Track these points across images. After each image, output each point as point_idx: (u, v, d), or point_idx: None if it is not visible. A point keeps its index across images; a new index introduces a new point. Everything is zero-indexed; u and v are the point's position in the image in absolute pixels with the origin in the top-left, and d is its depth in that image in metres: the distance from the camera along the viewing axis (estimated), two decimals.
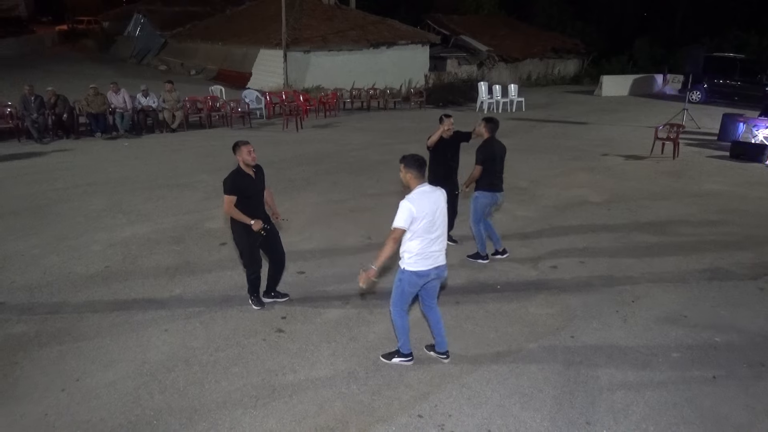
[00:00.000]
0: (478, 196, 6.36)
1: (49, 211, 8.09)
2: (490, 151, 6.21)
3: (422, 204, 4.06)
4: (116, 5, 42.98)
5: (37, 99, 12.50)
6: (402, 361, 4.57)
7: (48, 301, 5.53)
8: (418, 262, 4.18)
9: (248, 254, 5.23)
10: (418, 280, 4.25)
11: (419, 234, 4.11)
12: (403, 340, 4.52)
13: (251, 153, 4.95)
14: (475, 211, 6.41)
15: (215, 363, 4.57)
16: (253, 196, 5.04)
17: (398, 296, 4.36)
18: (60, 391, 4.19)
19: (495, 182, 6.31)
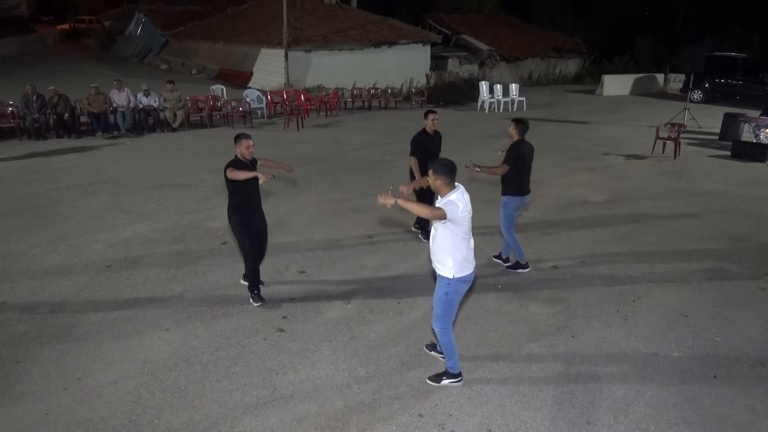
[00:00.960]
0: (507, 201, 6.12)
1: (51, 211, 8.10)
2: (519, 153, 6.00)
3: (461, 203, 3.95)
4: (117, 4, 43.03)
5: (38, 98, 12.52)
6: (453, 383, 4.32)
7: (49, 301, 5.54)
8: (464, 267, 4.06)
9: (245, 243, 5.41)
10: (464, 287, 4.15)
11: (463, 236, 4.00)
12: (454, 360, 4.29)
13: (249, 148, 5.16)
14: (506, 217, 6.16)
15: (216, 362, 4.58)
16: (250, 186, 5.22)
17: (445, 311, 4.15)
18: (61, 390, 4.20)
19: (523, 185, 6.11)
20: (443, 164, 4.04)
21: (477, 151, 12.25)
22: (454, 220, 3.95)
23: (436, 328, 4.24)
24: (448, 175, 4.01)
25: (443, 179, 3.99)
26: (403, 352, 4.76)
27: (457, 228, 3.99)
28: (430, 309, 5.45)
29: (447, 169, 4.01)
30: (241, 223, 5.32)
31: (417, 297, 5.73)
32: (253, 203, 5.37)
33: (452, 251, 4.02)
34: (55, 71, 22.99)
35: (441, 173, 4.00)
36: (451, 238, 4.01)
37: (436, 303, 4.18)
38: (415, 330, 5.12)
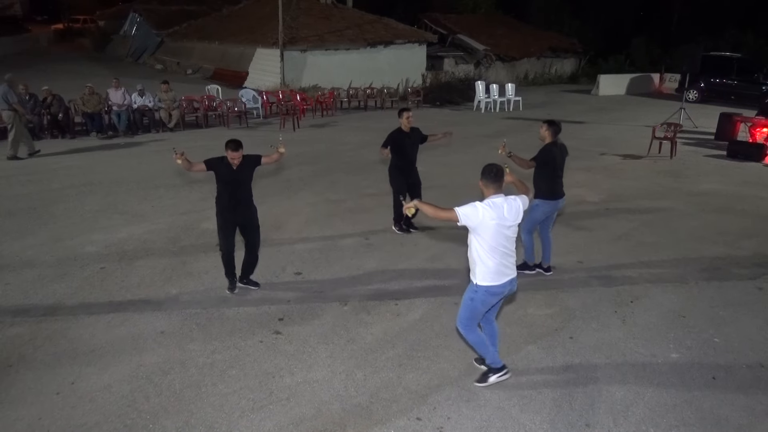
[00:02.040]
0: (538, 204, 5.88)
1: (45, 212, 8.03)
2: (550, 155, 5.79)
3: (488, 212, 3.79)
4: (112, 4, 42.81)
5: (31, 98, 12.42)
6: (500, 377, 4.24)
7: (43, 303, 5.48)
8: (494, 278, 3.93)
9: (221, 236, 5.54)
10: (492, 299, 4.02)
11: (493, 246, 3.85)
12: (490, 354, 4.21)
13: (234, 160, 5.27)
14: (531, 220, 5.94)
15: (212, 365, 4.53)
16: (230, 183, 5.36)
17: (468, 315, 4.08)
18: (54, 395, 4.14)
19: (556, 188, 5.92)
20: (489, 169, 3.96)
21: (474, 152, 12.24)
22: (472, 227, 3.82)
23: (460, 328, 4.18)
24: (492, 179, 3.91)
25: (485, 182, 3.95)
26: (400, 355, 4.72)
27: (480, 237, 3.85)
28: (428, 311, 5.47)
29: (491, 173, 3.93)
30: (219, 213, 5.49)
31: (414, 299, 5.69)
32: (232, 198, 5.43)
33: (479, 261, 3.92)
34: (49, 71, 22.86)
35: (484, 176, 3.97)
36: (477, 247, 3.90)
37: (462, 304, 4.11)
38: (412, 332, 5.08)
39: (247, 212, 5.56)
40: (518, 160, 5.74)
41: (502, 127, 15.55)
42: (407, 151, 7.00)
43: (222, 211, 5.47)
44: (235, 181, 5.37)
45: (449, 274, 6.30)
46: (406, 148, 6.97)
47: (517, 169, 5.60)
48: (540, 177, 5.87)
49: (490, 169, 3.97)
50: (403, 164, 7.08)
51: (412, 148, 7.08)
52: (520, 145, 12.96)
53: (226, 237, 5.53)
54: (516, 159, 5.71)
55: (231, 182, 5.36)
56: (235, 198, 5.43)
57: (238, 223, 5.55)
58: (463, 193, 9.27)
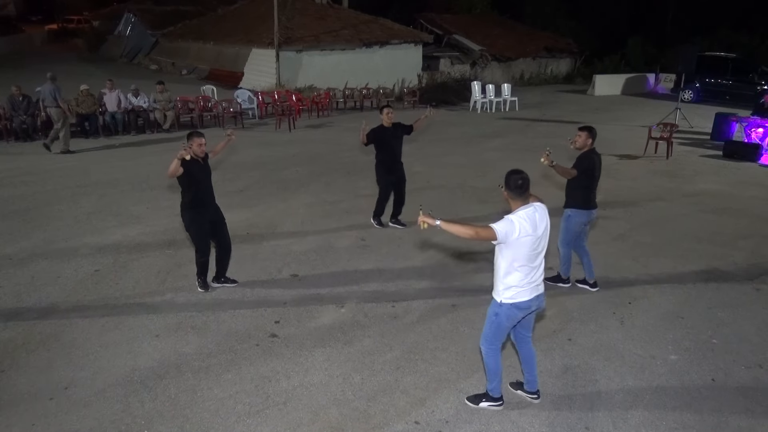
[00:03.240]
0: (571, 214, 5.66)
1: (38, 214, 7.96)
2: (592, 164, 5.51)
3: (525, 226, 3.55)
4: (106, 4, 42.64)
5: (25, 99, 12.33)
6: (491, 406, 4.03)
7: (36, 307, 5.42)
8: (520, 294, 3.68)
9: (198, 238, 5.57)
10: (518, 313, 3.76)
11: (523, 263, 3.61)
12: (495, 383, 3.98)
13: (201, 146, 5.35)
14: (567, 231, 5.72)
15: (207, 369, 4.48)
16: (202, 181, 5.43)
17: (493, 332, 3.83)
18: (48, 400, 4.09)
19: (591, 198, 5.66)
20: (513, 178, 3.63)
21: (470, 152, 12.23)
22: (509, 243, 3.56)
23: (483, 347, 3.92)
24: (514, 190, 3.62)
25: (508, 193, 3.66)
26: (398, 358, 4.68)
27: (511, 252, 3.59)
28: (425, 312, 5.43)
29: (516, 183, 3.61)
30: (193, 219, 5.47)
31: (411, 301, 5.65)
32: (204, 196, 5.48)
33: (505, 275, 3.67)
34: (43, 71, 22.66)
35: (507, 185, 3.66)
36: (504, 262, 3.65)
37: (486, 321, 3.87)
38: (410, 334, 5.04)
39: (216, 208, 5.67)
40: (561, 170, 5.46)
41: (499, 127, 15.53)
42: (391, 144, 7.20)
43: (196, 214, 5.46)
44: (206, 177, 5.49)
45: (447, 275, 6.27)
46: (389, 142, 7.19)
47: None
48: (577, 186, 5.56)
49: (515, 179, 3.62)
50: (387, 159, 7.27)
51: (396, 142, 7.27)
52: (516, 145, 13.03)
53: (204, 238, 5.58)
54: (559, 169, 5.43)
55: (203, 178, 5.44)
56: (205, 195, 5.51)
57: (211, 220, 5.59)
58: (460, 193, 9.29)
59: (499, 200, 8.84)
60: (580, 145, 5.58)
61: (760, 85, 19.16)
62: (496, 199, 8.95)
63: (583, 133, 5.57)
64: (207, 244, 5.62)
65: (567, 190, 5.72)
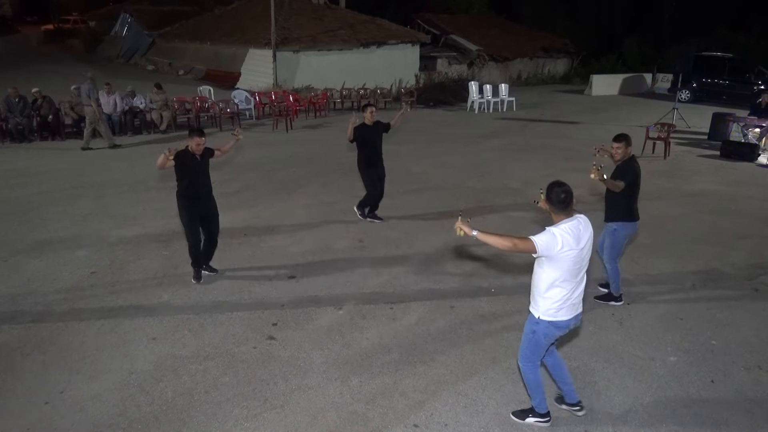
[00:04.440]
0: (617, 228, 5.39)
1: (34, 216, 7.91)
2: (635, 173, 5.28)
3: (568, 240, 3.39)
4: (103, 4, 42.53)
5: (20, 101, 12.27)
6: (539, 422, 3.88)
7: (32, 310, 5.37)
8: (560, 312, 3.55)
9: (187, 227, 5.78)
10: (556, 332, 3.64)
11: (565, 278, 3.47)
12: (539, 398, 3.85)
13: (199, 146, 5.55)
14: (614, 246, 5.45)
15: (205, 372, 4.45)
16: (197, 174, 5.64)
17: (531, 350, 3.71)
18: (43, 404, 4.05)
19: (635, 209, 5.40)
20: (555, 191, 3.46)
21: (468, 152, 12.21)
22: (550, 257, 3.41)
23: (520, 364, 3.82)
24: (557, 204, 3.46)
25: (550, 206, 3.50)
26: (396, 360, 4.66)
27: (552, 267, 3.44)
28: (424, 314, 5.41)
29: (557, 196, 3.44)
30: (185, 208, 5.69)
31: (410, 302, 5.63)
32: (197, 189, 5.68)
33: (545, 291, 3.52)
34: (38, 72, 22.61)
35: (549, 198, 3.49)
36: (545, 277, 3.49)
37: (523, 337, 3.75)
38: (408, 336, 5.02)
39: (210, 202, 5.87)
40: (610, 184, 5.16)
41: (497, 127, 15.52)
42: (373, 141, 7.52)
43: (187, 204, 5.69)
44: (199, 172, 5.66)
45: (445, 277, 6.25)
46: (371, 139, 7.50)
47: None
48: (620, 197, 5.27)
49: (558, 193, 3.45)
50: (369, 155, 7.56)
51: (377, 139, 7.58)
52: (514, 145, 13.02)
53: (193, 229, 5.77)
54: (608, 183, 5.15)
55: (196, 173, 5.63)
56: (199, 189, 5.70)
57: (202, 213, 5.79)
58: (457, 194, 9.27)
59: (497, 200, 8.86)
60: (620, 157, 5.33)
61: (756, 85, 19.18)
62: (494, 200, 8.94)
63: (621, 143, 5.29)
64: (195, 234, 5.80)
65: (609, 203, 5.45)
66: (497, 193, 9.33)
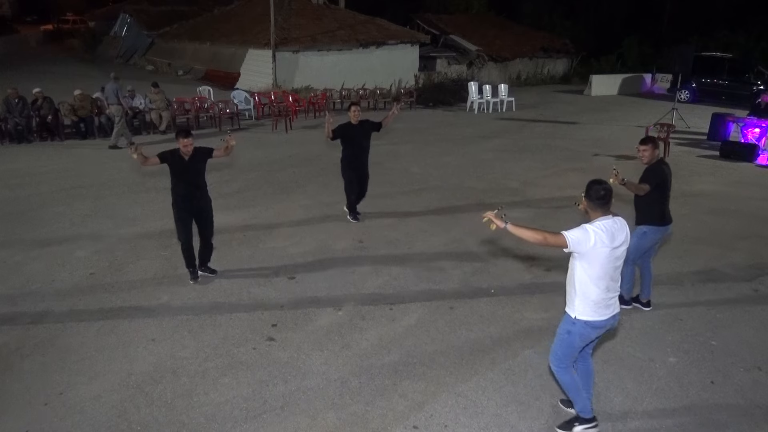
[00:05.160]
0: (647, 231, 5.31)
1: (33, 216, 7.91)
2: (662, 176, 5.19)
3: (602, 237, 3.37)
4: (102, 5, 42.54)
5: (20, 101, 12.26)
6: (587, 429, 3.77)
7: (31, 311, 5.37)
8: (597, 312, 3.51)
9: (176, 227, 5.82)
10: (592, 333, 3.59)
11: (600, 276, 3.43)
12: (581, 402, 3.74)
13: (186, 146, 5.54)
14: (637, 249, 5.27)
15: (204, 374, 4.45)
16: (183, 174, 5.65)
17: (564, 350, 3.65)
18: (42, 405, 4.05)
19: (666, 213, 5.33)
20: (594, 189, 3.46)
21: (468, 152, 12.21)
22: (582, 253, 3.40)
23: (552, 366, 3.74)
24: (595, 201, 3.45)
25: (588, 203, 3.49)
26: (396, 361, 4.65)
27: (586, 265, 3.43)
28: (423, 315, 5.40)
29: (596, 193, 3.44)
30: (177, 207, 5.75)
31: (409, 303, 5.62)
32: (186, 192, 5.70)
33: (581, 290, 3.50)
34: (38, 72, 22.62)
35: (588, 195, 3.48)
36: (580, 275, 3.48)
37: (556, 338, 3.69)
38: (408, 337, 5.02)
39: (202, 202, 5.85)
40: (634, 187, 5.11)
41: (496, 127, 15.52)
42: (356, 140, 7.46)
43: (179, 203, 5.72)
44: (186, 173, 5.65)
45: (444, 277, 6.24)
46: (354, 138, 7.44)
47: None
48: (650, 200, 5.21)
49: (597, 190, 3.46)
50: (352, 154, 7.53)
51: (362, 139, 7.51)
52: (513, 145, 13.01)
53: (185, 228, 5.78)
54: (631, 186, 5.09)
55: (182, 173, 5.64)
56: (190, 188, 5.71)
57: (194, 213, 5.80)
58: (457, 194, 9.27)
59: (497, 200, 8.85)
60: (648, 160, 5.23)
61: (756, 85, 19.20)
62: (493, 200, 8.93)
63: (648, 146, 5.19)
64: (186, 234, 5.80)
65: (639, 206, 5.37)
66: (496, 193, 9.32)
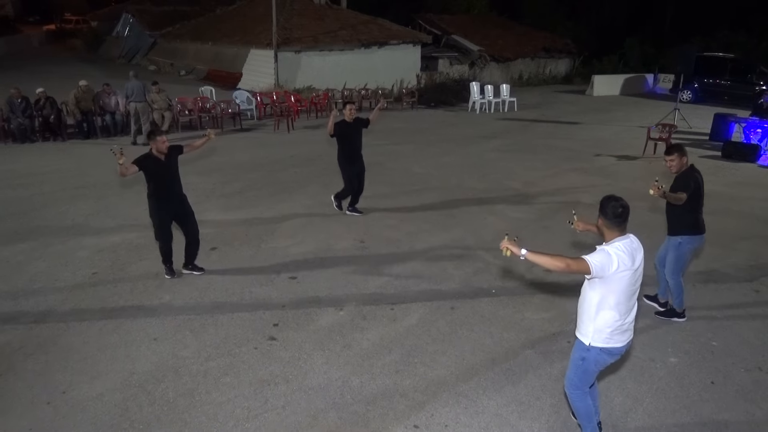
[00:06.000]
0: (682, 241, 5.21)
1: (36, 216, 7.94)
2: (697, 183, 5.09)
3: (624, 259, 3.23)
4: (105, 5, 42.64)
5: (23, 101, 12.30)
6: None
7: (33, 310, 5.40)
8: (613, 338, 3.36)
9: (158, 227, 5.88)
10: (608, 359, 3.45)
11: (619, 300, 3.28)
12: (590, 428, 3.66)
13: (164, 143, 5.64)
14: (678, 260, 5.25)
15: (206, 373, 4.47)
16: (162, 175, 5.71)
17: (580, 377, 3.52)
18: (45, 405, 4.07)
19: (701, 221, 5.26)
20: (610, 202, 3.32)
21: (470, 153, 12.22)
22: (604, 278, 3.22)
23: (567, 391, 3.64)
24: (612, 219, 3.30)
25: (604, 221, 3.33)
26: (397, 361, 4.67)
27: (606, 288, 3.26)
28: (424, 315, 5.42)
29: (613, 210, 3.29)
30: (154, 208, 5.79)
31: (410, 303, 5.64)
32: (167, 190, 5.77)
33: (596, 316, 3.33)
34: (40, 72, 22.67)
35: (604, 213, 3.32)
36: (597, 300, 3.31)
37: (570, 364, 3.56)
38: (409, 337, 5.03)
39: (182, 202, 5.94)
40: (672, 198, 4.99)
41: (498, 128, 15.53)
42: (352, 138, 7.77)
43: (157, 205, 5.75)
44: (166, 173, 5.72)
45: (445, 277, 6.26)
46: (350, 135, 7.74)
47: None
48: (684, 209, 5.10)
49: (615, 207, 3.31)
50: (348, 151, 7.81)
51: (356, 136, 7.83)
52: (515, 146, 13.02)
53: (165, 229, 5.88)
54: (670, 197, 4.98)
55: (162, 174, 5.68)
56: (168, 189, 5.77)
57: (174, 212, 5.88)
58: (458, 194, 9.28)
59: (498, 200, 8.87)
60: (677, 169, 5.14)
61: (758, 85, 19.17)
62: (495, 200, 8.95)
63: (674, 155, 5.09)
64: (165, 233, 5.90)
65: (672, 216, 5.29)
66: (498, 194, 9.33)
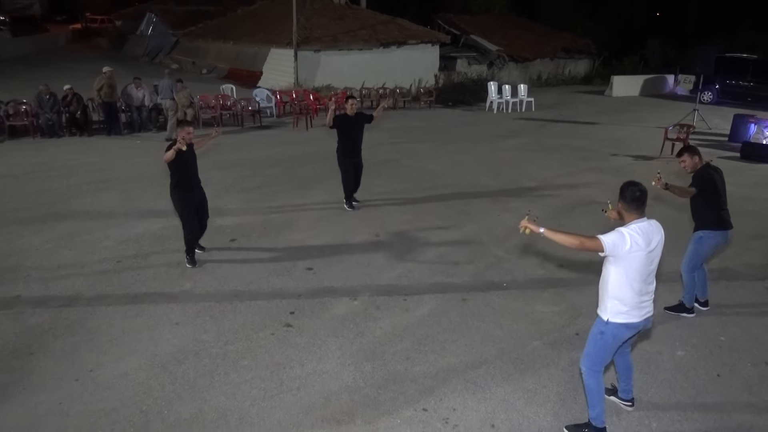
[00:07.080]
0: (703, 236, 5.30)
1: (63, 207, 8.24)
2: (708, 179, 5.16)
3: (637, 240, 3.37)
4: (129, 4, 43.41)
5: (51, 97, 12.70)
6: None
7: (62, 294, 5.65)
8: (630, 313, 3.49)
9: (187, 218, 6.16)
10: (626, 333, 3.57)
11: (634, 278, 3.43)
12: (598, 409, 3.69)
13: (190, 134, 5.93)
14: (695, 254, 5.35)
15: (225, 356, 4.66)
16: (191, 165, 6.06)
17: (597, 352, 3.61)
18: (74, 381, 4.30)
19: (724, 217, 5.27)
20: (630, 190, 3.48)
21: (485, 151, 12.31)
22: (618, 256, 3.40)
23: (583, 367, 3.70)
24: (630, 202, 3.47)
25: (623, 204, 3.52)
26: (408, 348, 4.82)
27: (621, 267, 3.43)
28: (436, 306, 5.56)
29: (631, 194, 3.46)
30: (182, 199, 6.09)
31: (423, 294, 5.78)
32: (191, 180, 6.12)
33: (614, 293, 3.49)
34: (66, 69, 23.23)
35: (623, 196, 3.51)
36: (614, 278, 3.48)
37: (589, 339, 3.67)
38: (420, 327, 5.17)
39: (202, 191, 6.34)
40: (677, 191, 5.16)
41: (514, 127, 15.58)
42: (351, 131, 7.97)
43: (185, 195, 6.08)
44: (192, 163, 6.07)
45: (458, 271, 6.39)
46: (350, 129, 7.95)
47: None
48: (703, 205, 5.26)
49: (633, 191, 3.47)
50: (347, 144, 8.01)
51: (356, 130, 8.03)
52: (531, 145, 13.07)
53: (191, 218, 6.19)
54: (675, 190, 5.14)
55: (189, 164, 6.03)
56: (193, 179, 6.16)
57: (197, 202, 6.23)
58: (472, 191, 9.39)
59: (513, 198, 8.96)
60: (691, 169, 5.25)
61: None
62: (509, 198, 9.04)
63: (685, 155, 5.23)
64: (195, 223, 6.23)
65: (694, 213, 5.41)
66: (512, 191, 9.42)
